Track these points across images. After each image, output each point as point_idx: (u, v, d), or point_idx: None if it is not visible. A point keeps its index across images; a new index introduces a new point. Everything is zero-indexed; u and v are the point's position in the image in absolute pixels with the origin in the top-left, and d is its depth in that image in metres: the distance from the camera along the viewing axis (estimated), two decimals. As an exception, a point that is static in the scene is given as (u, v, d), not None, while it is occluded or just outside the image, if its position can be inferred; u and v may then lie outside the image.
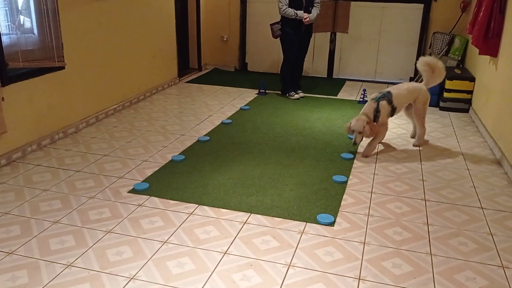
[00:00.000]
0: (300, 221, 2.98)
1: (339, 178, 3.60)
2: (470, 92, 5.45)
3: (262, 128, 4.80)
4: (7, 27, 3.73)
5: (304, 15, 5.54)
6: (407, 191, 3.44)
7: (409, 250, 2.69)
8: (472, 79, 5.42)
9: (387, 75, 6.98)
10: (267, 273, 2.46)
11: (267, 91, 6.22)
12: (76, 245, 2.68)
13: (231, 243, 2.72)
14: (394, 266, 2.55)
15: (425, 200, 3.31)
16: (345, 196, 3.34)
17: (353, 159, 4.03)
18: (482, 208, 3.22)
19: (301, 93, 6.00)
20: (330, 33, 7.04)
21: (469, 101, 5.49)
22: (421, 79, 4.43)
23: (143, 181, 3.49)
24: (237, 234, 2.82)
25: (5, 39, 3.65)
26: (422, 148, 4.34)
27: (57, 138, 4.31)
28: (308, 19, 5.56)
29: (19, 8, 3.87)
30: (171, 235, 2.79)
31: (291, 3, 5.53)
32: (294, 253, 2.64)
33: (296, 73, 6.03)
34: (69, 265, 2.49)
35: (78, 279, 2.38)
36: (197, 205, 3.16)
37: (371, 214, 3.10)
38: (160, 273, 2.44)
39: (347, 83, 6.94)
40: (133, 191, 3.35)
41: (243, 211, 3.08)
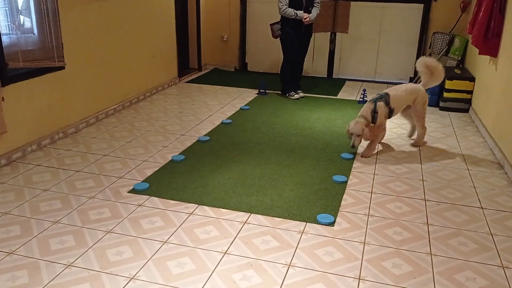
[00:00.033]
0: (300, 221, 2.98)
1: (339, 178, 3.60)
2: (470, 92, 5.45)
3: (262, 128, 4.80)
4: (7, 27, 3.74)
5: (304, 15, 5.54)
6: (407, 191, 3.44)
7: (409, 250, 2.69)
8: (472, 79, 5.42)
9: (387, 75, 6.98)
10: (267, 273, 2.46)
11: (267, 91, 6.22)
12: (76, 245, 2.68)
13: (231, 243, 2.72)
14: (394, 266, 2.55)
15: (425, 200, 3.32)
16: (345, 196, 3.34)
17: (353, 159, 4.03)
18: (482, 208, 3.23)
19: (301, 93, 6.00)
20: (330, 33, 7.04)
21: (469, 101, 5.49)
22: (419, 80, 4.42)
23: (143, 181, 3.49)
24: (237, 234, 2.82)
25: (5, 39, 3.65)
26: (422, 148, 4.34)
27: (57, 138, 4.31)
28: (308, 19, 5.57)
29: (19, 8, 3.87)
30: (171, 235, 2.79)
31: (291, 3, 5.53)
32: (294, 253, 2.64)
33: (296, 73, 6.03)
34: (69, 265, 2.49)
35: (78, 279, 2.38)
36: (197, 205, 3.16)
37: (371, 214, 3.11)
38: (160, 273, 2.44)
39: (347, 83, 6.94)
40: (133, 191, 3.35)
41: (243, 211, 3.09)
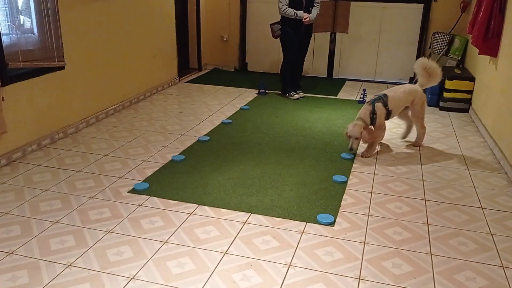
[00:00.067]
0: (300, 221, 2.99)
1: (339, 178, 3.60)
2: (470, 92, 5.45)
3: (262, 128, 4.80)
4: (7, 27, 3.74)
5: (304, 15, 5.54)
6: (407, 191, 3.45)
7: (409, 250, 2.69)
8: (472, 79, 5.42)
9: (387, 75, 6.98)
10: (267, 273, 2.47)
11: (267, 91, 6.22)
12: (76, 245, 2.68)
13: (231, 243, 2.73)
14: (394, 266, 2.55)
15: (425, 200, 3.32)
16: (345, 196, 3.34)
17: (353, 159, 4.03)
18: (482, 208, 3.23)
19: (301, 93, 6.00)
20: (330, 33, 7.04)
21: (469, 101, 5.49)
22: (416, 80, 4.42)
23: (143, 181, 3.49)
24: (237, 234, 2.82)
25: (5, 39, 3.65)
26: (422, 148, 4.34)
27: (57, 138, 4.31)
28: (308, 19, 5.57)
29: (19, 8, 3.87)
30: (171, 235, 2.79)
31: (291, 3, 5.53)
32: (294, 253, 2.64)
33: (296, 73, 6.03)
34: (69, 265, 2.49)
35: (78, 279, 2.38)
36: (197, 205, 3.16)
37: (371, 214, 3.11)
38: (160, 273, 2.44)
39: (347, 83, 6.95)
40: (133, 191, 3.35)
41: (243, 211, 3.09)
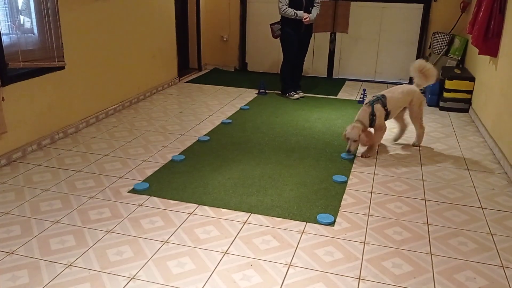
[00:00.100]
0: (300, 221, 2.99)
1: (339, 178, 3.60)
2: (470, 92, 5.45)
3: (262, 128, 4.80)
4: (7, 27, 3.74)
5: (304, 15, 5.55)
6: (407, 191, 3.45)
7: (409, 250, 2.70)
8: (472, 79, 5.42)
9: (387, 75, 6.98)
10: (267, 273, 2.47)
11: (267, 91, 6.22)
12: (76, 245, 2.68)
13: (231, 243, 2.73)
14: (394, 266, 2.55)
15: (425, 200, 3.32)
16: (345, 196, 3.34)
17: (353, 159, 4.03)
18: (482, 208, 3.23)
19: (301, 93, 6.00)
20: (330, 33, 7.04)
21: (469, 101, 5.49)
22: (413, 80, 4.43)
23: (143, 181, 3.49)
24: (237, 234, 2.82)
25: (5, 39, 3.65)
26: (422, 148, 4.34)
27: (57, 138, 4.31)
28: (308, 19, 5.57)
29: (19, 8, 3.87)
30: (171, 235, 2.79)
31: (291, 3, 5.53)
32: (294, 253, 2.64)
33: (296, 73, 6.03)
34: (69, 265, 2.49)
35: (78, 279, 2.38)
36: (197, 205, 3.16)
37: (371, 214, 3.11)
38: (161, 273, 2.44)
39: (347, 83, 6.95)
40: (133, 191, 3.35)
41: (243, 211, 3.09)
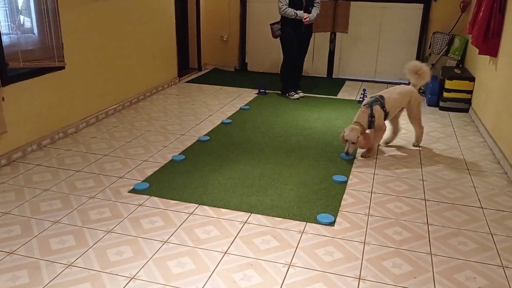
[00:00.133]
0: (300, 221, 2.99)
1: (339, 178, 3.60)
2: (470, 92, 5.45)
3: (262, 128, 4.80)
4: (7, 27, 3.74)
5: (304, 15, 5.55)
6: (407, 191, 3.45)
7: (409, 250, 2.70)
8: (472, 79, 5.42)
9: (387, 75, 6.98)
10: (267, 272, 2.47)
11: (267, 91, 6.22)
12: (76, 245, 2.68)
13: (232, 243, 2.73)
14: (394, 265, 2.55)
15: (425, 200, 3.32)
16: (345, 196, 3.35)
17: (353, 159, 4.03)
18: (482, 208, 3.23)
19: (301, 93, 6.00)
20: (330, 33, 7.04)
21: (469, 101, 5.49)
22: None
23: (143, 181, 3.49)
24: (237, 234, 2.82)
25: (5, 39, 3.65)
26: (422, 148, 4.34)
27: (57, 138, 4.31)
28: (308, 19, 5.57)
29: (19, 8, 3.87)
30: (171, 235, 2.79)
31: (291, 3, 5.53)
32: (294, 253, 2.64)
33: (296, 73, 6.04)
34: (69, 265, 2.49)
35: (78, 278, 2.38)
36: (198, 205, 3.16)
37: (371, 214, 3.11)
38: (161, 273, 2.44)
39: (347, 83, 6.95)
40: (133, 191, 3.35)
41: (243, 211, 3.09)
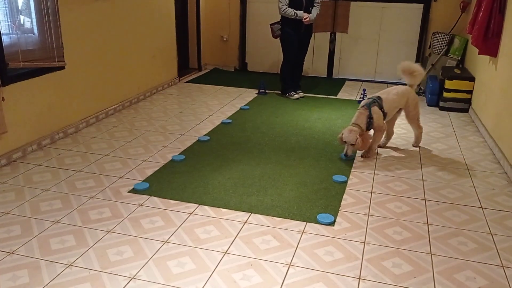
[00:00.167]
0: (300, 220, 2.99)
1: (339, 178, 3.60)
2: (470, 92, 5.45)
3: (262, 128, 4.80)
4: (7, 27, 3.74)
5: (304, 15, 5.55)
6: (407, 191, 3.45)
7: (409, 250, 2.70)
8: (471, 79, 5.43)
9: (386, 75, 6.98)
10: (267, 272, 2.47)
11: (267, 91, 6.22)
12: (76, 244, 2.68)
13: (232, 243, 2.73)
14: (394, 265, 2.55)
15: (425, 200, 3.32)
16: (345, 196, 3.35)
17: (353, 159, 4.03)
18: (482, 207, 3.23)
19: (301, 93, 6.00)
20: (330, 33, 7.05)
21: (468, 101, 5.49)
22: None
23: (143, 181, 3.49)
24: (238, 234, 2.82)
25: (5, 39, 3.65)
26: (422, 148, 4.34)
27: (57, 138, 4.32)
28: (308, 19, 5.57)
29: (19, 8, 3.87)
30: (171, 235, 2.80)
31: (291, 3, 5.53)
32: (295, 253, 2.64)
33: (296, 73, 6.04)
34: (69, 265, 2.49)
35: (78, 278, 2.38)
36: (198, 205, 3.17)
37: (371, 213, 3.11)
38: (161, 273, 2.44)
39: (347, 83, 6.95)
40: (133, 191, 3.35)
41: (243, 211, 3.09)
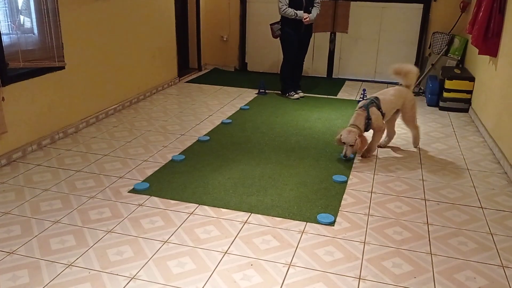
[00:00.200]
0: (300, 220, 2.99)
1: (339, 178, 3.60)
2: (470, 92, 5.45)
3: (262, 128, 4.80)
4: (7, 27, 3.74)
5: (304, 15, 5.55)
6: (407, 191, 3.45)
7: (409, 250, 2.70)
8: (471, 79, 5.43)
9: (386, 75, 6.92)
10: (267, 272, 2.47)
11: (267, 91, 6.22)
12: (76, 244, 2.68)
13: (232, 243, 2.73)
14: (394, 265, 2.55)
15: (425, 200, 3.32)
16: (345, 196, 3.35)
17: (353, 159, 4.03)
18: (482, 207, 3.23)
19: (301, 93, 6.00)
20: (330, 33, 7.05)
21: (468, 101, 5.49)
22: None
23: (143, 181, 3.49)
24: (238, 234, 2.82)
25: (5, 39, 3.65)
26: (422, 148, 4.34)
27: (57, 138, 4.31)
28: (308, 19, 5.57)
29: (19, 8, 3.87)
30: (171, 235, 2.80)
31: (291, 3, 5.53)
32: (295, 253, 2.64)
33: (296, 73, 6.04)
34: (69, 265, 2.49)
35: (78, 278, 2.38)
36: (198, 204, 3.17)
37: (371, 213, 3.11)
38: (161, 273, 2.44)
39: (346, 83, 6.95)
40: (133, 191, 3.35)
41: (243, 211, 3.09)
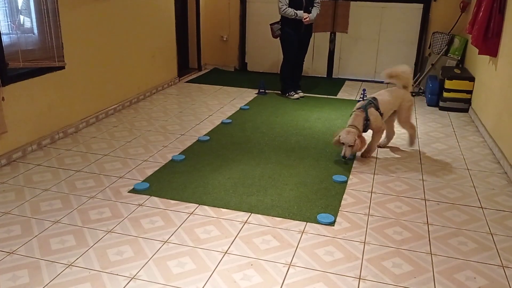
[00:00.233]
0: (300, 220, 2.99)
1: (339, 178, 3.60)
2: (470, 92, 5.45)
3: (262, 128, 4.80)
4: (7, 27, 3.74)
5: (304, 15, 5.55)
6: (407, 191, 3.45)
7: (409, 250, 2.70)
8: (471, 79, 5.43)
9: (386, 75, 6.98)
10: (267, 272, 2.47)
11: (267, 91, 6.22)
12: (76, 244, 2.68)
13: (232, 243, 2.73)
14: (394, 265, 2.55)
15: (425, 200, 3.32)
16: (345, 196, 3.35)
17: (353, 159, 4.03)
18: (482, 207, 3.23)
19: (301, 93, 6.00)
20: (329, 33, 7.05)
21: (468, 101, 5.49)
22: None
23: (143, 181, 3.49)
24: (238, 234, 2.82)
25: (5, 39, 3.65)
26: (421, 148, 4.34)
27: (57, 138, 4.31)
28: (308, 19, 5.57)
29: (19, 8, 3.87)
30: (171, 235, 2.80)
31: (291, 3, 5.53)
32: (295, 253, 2.64)
33: (296, 73, 6.04)
34: (69, 265, 2.49)
35: (78, 278, 2.38)
36: (198, 204, 3.17)
37: (371, 213, 3.11)
38: (161, 273, 2.44)
39: (346, 83, 6.95)
40: (133, 191, 3.35)
41: (243, 211, 3.09)
